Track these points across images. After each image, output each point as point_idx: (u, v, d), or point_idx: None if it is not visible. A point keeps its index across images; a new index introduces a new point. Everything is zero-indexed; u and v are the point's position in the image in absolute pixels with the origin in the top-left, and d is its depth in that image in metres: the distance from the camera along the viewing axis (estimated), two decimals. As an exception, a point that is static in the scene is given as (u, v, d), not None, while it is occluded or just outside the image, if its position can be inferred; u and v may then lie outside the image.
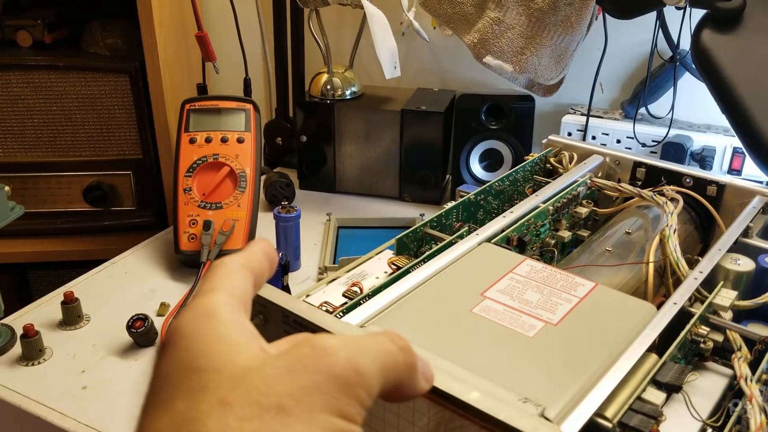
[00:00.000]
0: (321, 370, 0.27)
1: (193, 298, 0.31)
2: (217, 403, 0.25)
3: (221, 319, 0.29)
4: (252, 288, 0.33)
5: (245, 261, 0.33)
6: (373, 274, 0.59)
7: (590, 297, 0.51)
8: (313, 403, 0.26)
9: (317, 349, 0.28)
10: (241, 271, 0.33)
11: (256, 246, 0.35)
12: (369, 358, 0.29)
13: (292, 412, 0.26)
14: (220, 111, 0.98)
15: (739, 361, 0.47)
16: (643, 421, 0.40)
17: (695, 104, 1.07)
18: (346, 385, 0.27)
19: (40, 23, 1.10)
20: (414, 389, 0.32)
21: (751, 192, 0.72)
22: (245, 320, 0.30)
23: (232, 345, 0.28)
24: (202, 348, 0.28)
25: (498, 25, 0.91)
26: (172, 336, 0.29)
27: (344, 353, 0.28)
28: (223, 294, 0.31)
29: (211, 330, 0.28)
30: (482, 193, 0.71)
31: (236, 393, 0.26)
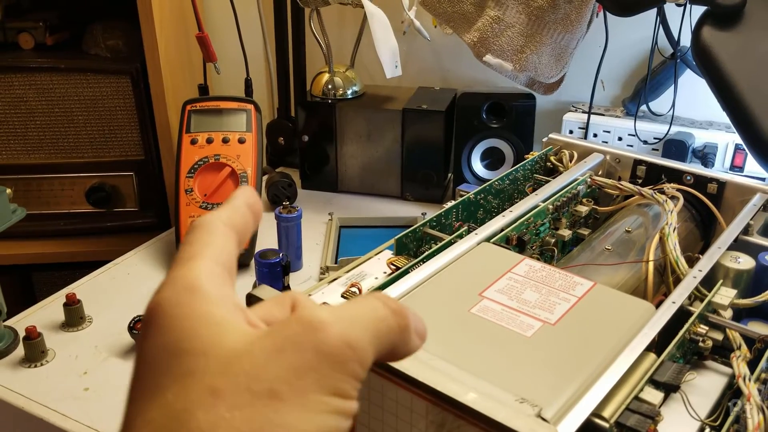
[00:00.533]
0: (312, 348, 0.26)
1: (173, 268, 0.29)
2: (207, 392, 0.25)
3: (205, 293, 0.27)
4: (236, 247, 0.31)
5: (227, 218, 0.31)
6: (373, 274, 0.60)
7: (589, 296, 0.51)
8: (306, 385, 0.25)
9: (306, 325, 0.26)
10: (223, 231, 0.31)
11: (239, 198, 0.33)
12: (362, 329, 0.28)
13: (284, 396, 0.25)
14: (221, 111, 0.99)
15: (738, 360, 0.47)
16: (641, 421, 0.40)
17: (697, 101, 1.06)
18: (339, 362, 0.26)
19: (42, 25, 1.10)
20: (407, 350, 0.31)
21: (751, 189, 0.71)
22: (230, 291, 0.29)
23: (217, 324, 0.27)
24: (186, 329, 0.26)
25: (498, 24, 0.91)
26: (154, 315, 0.27)
27: (336, 327, 0.27)
28: (205, 262, 0.29)
29: (195, 308, 0.27)
30: (482, 192, 0.71)
31: (225, 379, 0.25)
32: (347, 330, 0.27)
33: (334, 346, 0.26)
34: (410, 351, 0.31)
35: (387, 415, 0.44)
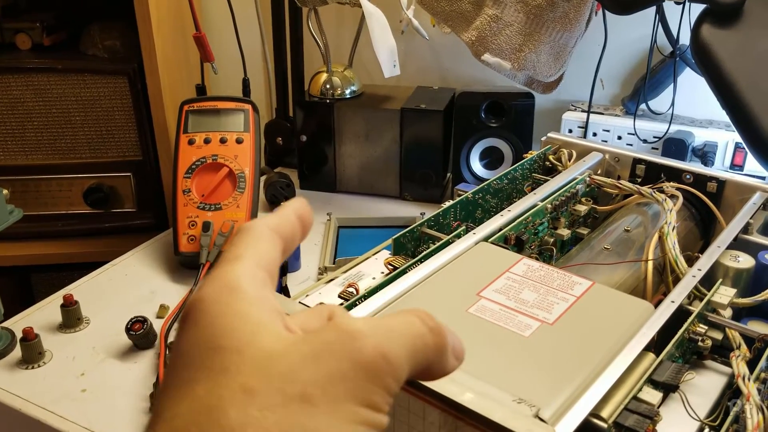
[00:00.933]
0: (348, 357, 0.26)
1: (217, 267, 0.29)
2: (240, 390, 0.24)
3: (245, 293, 0.28)
4: (280, 254, 0.31)
5: (275, 225, 0.31)
6: (370, 274, 0.59)
7: (587, 296, 0.51)
8: (339, 393, 0.25)
9: (344, 334, 0.26)
10: (269, 236, 0.31)
11: (289, 207, 0.33)
12: (398, 343, 0.28)
13: (317, 401, 0.25)
14: (218, 112, 0.98)
15: (738, 359, 0.46)
16: (639, 421, 0.40)
17: (697, 99, 1.06)
18: (373, 374, 0.26)
19: (39, 26, 1.10)
20: (443, 369, 0.31)
21: (751, 188, 0.71)
22: (270, 295, 0.29)
23: (255, 324, 0.27)
24: (224, 325, 0.26)
25: (496, 23, 0.90)
26: (193, 310, 0.27)
27: (372, 339, 0.27)
28: (247, 264, 0.29)
29: (234, 306, 0.27)
30: (480, 191, 0.71)
31: (259, 379, 0.25)
32: (384, 342, 0.27)
33: (370, 356, 0.26)
34: (446, 371, 0.31)
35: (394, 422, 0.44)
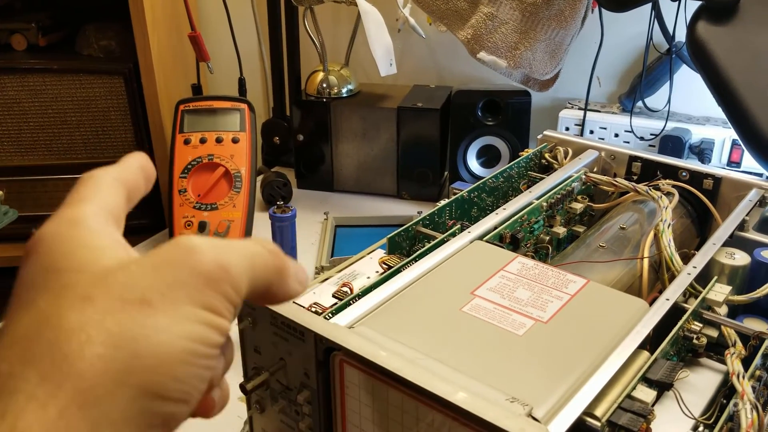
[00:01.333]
0: (186, 266, 0.27)
1: (59, 209, 0.29)
2: (79, 299, 0.25)
3: (87, 226, 0.28)
4: (125, 203, 0.32)
5: (118, 174, 0.32)
6: (365, 273, 0.59)
7: (581, 294, 0.50)
8: (178, 297, 0.26)
9: (182, 248, 0.28)
10: (112, 184, 0.32)
11: (132, 159, 0.34)
12: (236, 256, 0.29)
13: (156, 304, 0.26)
14: (214, 111, 0.98)
15: (732, 357, 0.46)
16: (632, 420, 0.39)
17: (694, 96, 1.06)
18: (212, 281, 0.28)
19: (34, 26, 1.10)
20: (286, 291, 0.32)
21: (747, 185, 0.71)
22: (114, 231, 0.30)
23: (96, 249, 0.27)
24: (64, 251, 0.27)
25: (491, 21, 0.90)
26: (34, 244, 0.28)
27: (211, 252, 0.28)
28: (90, 205, 0.30)
29: (75, 236, 0.28)
30: (476, 190, 0.70)
31: (98, 289, 0.26)
32: (222, 255, 0.28)
33: (208, 265, 0.28)
34: (288, 293, 0.32)
35: (393, 425, 0.44)
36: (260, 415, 0.52)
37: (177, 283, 0.27)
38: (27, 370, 0.24)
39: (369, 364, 0.42)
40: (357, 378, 0.44)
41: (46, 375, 0.24)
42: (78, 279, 0.26)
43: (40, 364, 0.24)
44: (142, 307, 0.25)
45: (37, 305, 0.26)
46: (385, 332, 0.46)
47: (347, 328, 0.47)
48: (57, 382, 0.24)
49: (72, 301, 0.25)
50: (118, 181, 0.32)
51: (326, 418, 0.48)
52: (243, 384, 0.49)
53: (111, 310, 0.25)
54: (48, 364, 0.24)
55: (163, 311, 0.26)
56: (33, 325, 0.25)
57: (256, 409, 0.52)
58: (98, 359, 0.24)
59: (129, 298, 0.26)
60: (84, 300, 0.25)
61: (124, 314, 0.25)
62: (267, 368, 0.49)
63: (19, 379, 0.24)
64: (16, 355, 0.24)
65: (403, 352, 0.44)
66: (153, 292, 0.26)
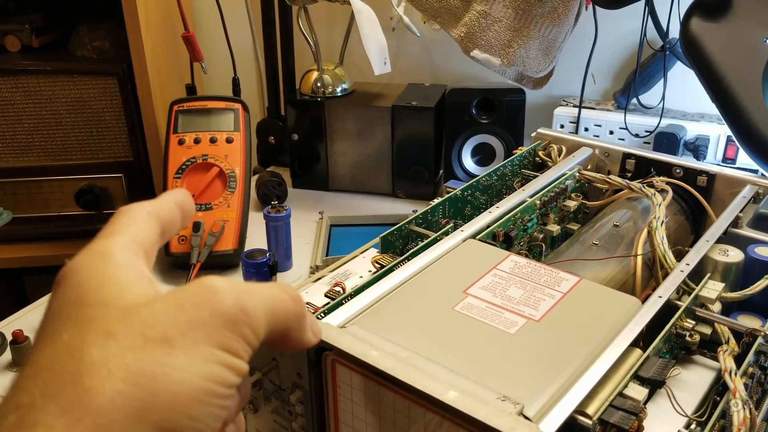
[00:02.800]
0: (208, 307, 0.28)
1: (91, 242, 0.30)
2: (102, 334, 0.26)
3: (115, 260, 0.29)
4: (158, 237, 0.33)
5: (153, 209, 0.33)
6: (358, 273, 0.59)
7: (574, 292, 0.50)
8: (198, 336, 0.27)
9: (206, 288, 0.28)
10: (146, 218, 0.32)
11: (170, 195, 0.35)
12: (257, 300, 0.30)
13: (176, 343, 0.26)
14: (208, 111, 0.98)
15: (725, 354, 0.46)
16: (624, 418, 0.39)
17: (688, 93, 1.06)
18: (232, 322, 0.28)
19: (28, 28, 1.10)
20: (301, 339, 0.33)
21: (741, 181, 0.71)
22: (141, 265, 0.30)
23: (122, 284, 0.28)
24: (91, 285, 0.28)
25: (485, 18, 0.90)
26: (64, 275, 0.29)
27: (232, 294, 0.29)
28: (121, 238, 0.30)
29: (103, 269, 0.28)
30: (469, 188, 0.70)
31: (121, 325, 0.26)
32: (243, 297, 0.29)
33: (229, 307, 0.28)
34: (303, 342, 0.33)
35: (385, 424, 0.44)
36: (253, 415, 0.52)
37: (197, 323, 0.27)
38: (48, 402, 0.24)
39: (361, 363, 0.42)
40: (349, 378, 0.44)
41: (65, 408, 0.24)
42: (102, 314, 0.27)
43: (61, 396, 0.24)
44: (162, 345, 0.26)
45: (60, 338, 0.26)
46: (377, 332, 0.46)
47: (339, 327, 0.47)
48: (76, 415, 0.24)
49: (95, 336, 0.26)
50: (153, 215, 0.33)
51: (319, 418, 0.48)
52: (235, 384, 0.49)
53: (132, 347, 0.26)
54: (68, 398, 0.24)
55: (182, 350, 0.26)
56: (56, 357, 0.26)
57: (250, 409, 0.52)
58: (117, 395, 0.24)
59: (150, 336, 0.26)
60: (107, 335, 0.26)
61: (144, 351, 0.26)
62: (259, 368, 0.48)
63: (39, 410, 0.24)
64: (37, 386, 0.25)
65: (395, 351, 0.44)
66: (174, 331, 0.27)
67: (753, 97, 0.74)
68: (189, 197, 0.35)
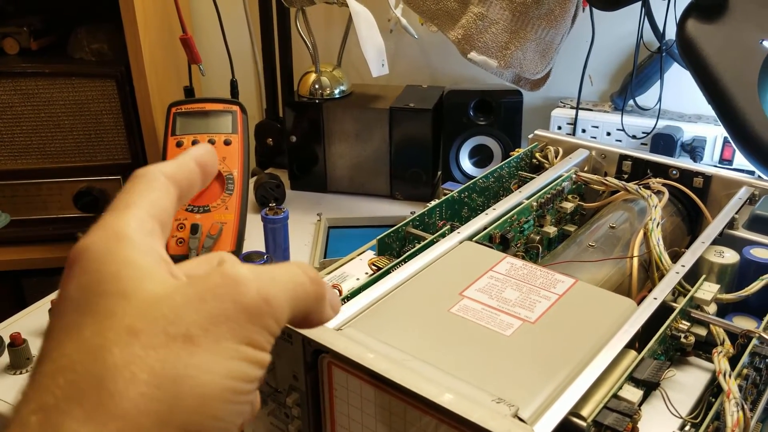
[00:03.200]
0: (231, 299, 0.27)
1: (107, 214, 0.29)
2: (125, 331, 0.25)
3: (131, 241, 0.28)
4: (175, 202, 0.32)
5: (171, 172, 0.32)
6: (354, 275, 0.59)
7: (569, 294, 0.51)
8: (221, 332, 0.27)
9: (228, 278, 0.28)
10: (163, 184, 0.31)
11: (189, 153, 0.33)
12: (279, 288, 0.29)
13: (199, 341, 0.26)
14: (206, 114, 0.98)
15: (719, 355, 0.46)
16: (618, 420, 0.39)
17: (685, 94, 1.06)
18: (255, 315, 0.28)
19: (26, 30, 1.10)
20: (321, 317, 0.32)
21: (737, 183, 0.71)
22: (157, 243, 0.29)
23: (141, 270, 0.27)
24: (110, 272, 0.27)
25: (482, 21, 0.90)
26: (80, 256, 0.27)
27: (256, 283, 0.28)
28: (138, 212, 0.29)
29: (120, 253, 0.28)
30: (466, 190, 0.70)
31: (144, 321, 0.26)
32: (266, 287, 0.28)
33: (252, 299, 0.28)
34: (323, 319, 0.33)
35: (380, 426, 0.44)
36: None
37: (221, 318, 0.27)
38: (73, 407, 0.24)
39: (356, 366, 0.42)
40: (345, 380, 0.44)
41: (91, 414, 0.24)
42: (124, 307, 0.26)
43: (86, 401, 0.24)
44: (185, 344, 0.26)
45: (81, 333, 0.26)
46: (373, 334, 0.46)
47: (335, 330, 0.47)
48: (102, 421, 0.24)
49: (117, 334, 0.25)
50: (171, 179, 0.31)
51: (315, 421, 0.48)
52: (232, 387, 0.49)
53: (155, 346, 0.25)
54: (94, 402, 0.24)
55: (206, 348, 0.26)
56: (78, 355, 0.25)
57: (247, 411, 0.52)
58: (142, 399, 0.24)
59: (173, 333, 0.26)
60: (129, 333, 0.25)
61: (167, 350, 0.25)
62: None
63: (66, 415, 0.24)
64: (59, 387, 0.25)
65: (391, 353, 0.44)
66: (196, 328, 0.26)
67: (749, 98, 0.74)
68: (212, 154, 0.34)
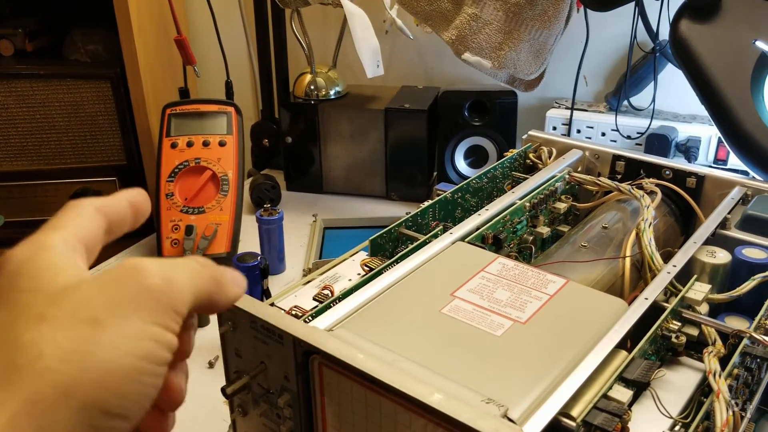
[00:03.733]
0: (134, 283, 0.29)
1: (35, 233, 0.31)
2: (34, 318, 0.27)
3: (54, 249, 0.30)
4: (102, 234, 0.33)
5: (101, 206, 0.34)
6: (347, 276, 0.59)
7: (560, 294, 0.51)
8: (126, 312, 0.28)
9: (130, 268, 0.29)
10: (92, 214, 0.33)
11: (122, 194, 0.35)
12: (179, 270, 0.31)
13: (105, 322, 0.27)
14: (201, 115, 0.98)
15: (710, 355, 0.46)
16: (608, 419, 0.39)
17: (680, 94, 1.06)
18: (159, 293, 0.29)
19: (21, 32, 1.10)
20: (227, 297, 0.34)
21: (730, 183, 0.71)
22: (78, 258, 0.31)
23: (56, 268, 0.29)
24: (28, 273, 0.29)
25: (475, 21, 0.90)
26: (4, 262, 0.29)
27: (157, 268, 0.30)
28: (63, 232, 0.31)
29: (41, 259, 0.29)
30: (459, 191, 0.70)
31: (53, 308, 0.27)
32: (167, 270, 0.30)
33: (154, 280, 0.29)
34: (229, 298, 0.34)
35: (372, 426, 0.44)
36: (243, 418, 0.52)
37: (125, 300, 0.28)
38: None
39: (347, 366, 0.42)
40: (336, 381, 0.44)
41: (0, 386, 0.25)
42: (35, 299, 0.28)
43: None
44: (92, 325, 0.27)
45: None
46: (364, 335, 0.46)
47: (326, 331, 0.47)
48: (9, 391, 0.25)
49: (27, 319, 0.27)
50: (100, 212, 0.33)
51: (307, 421, 0.48)
52: (224, 388, 0.49)
53: (62, 327, 0.27)
54: (3, 377, 0.26)
55: (111, 328, 0.27)
56: None
57: (239, 412, 0.52)
58: (47, 372, 0.26)
59: (80, 316, 0.27)
60: (38, 319, 0.27)
61: (74, 331, 0.27)
62: (248, 372, 0.49)
63: None
64: None
65: (381, 354, 0.44)
66: (103, 311, 0.28)
67: (742, 98, 0.74)
68: (145, 198, 0.36)
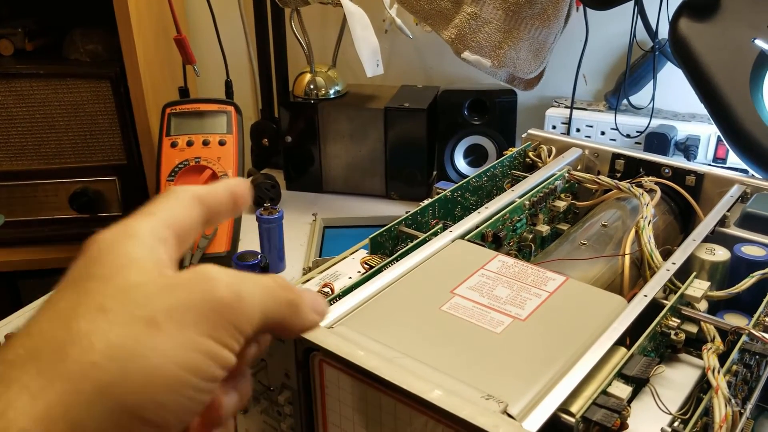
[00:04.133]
0: (200, 291, 0.28)
1: (129, 217, 0.31)
2: (95, 307, 0.26)
3: (139, 239, 0.29)
4: (199, 221, 0.33)
5: (200, 194, 0.33)
6: (347, 274, 0.59)
7: (560, 291, 0.51)
8: (185, 319, 0.27)
9: (200, 274, 0.28)
10: (189, 202, 0.32)
11: (223, 182, 0.35)
12: (250, 286, 0.30)
13: (162, 326, 0.26)
14: (201, 114, 0.98)
15: (709, 352, 0.46)
16: (607, 416, 0.40)
17: (679, 93, 1.06)
18: (224, 308, 0.28)
19: (21, 32, 1.10)
20: (302, 323, 0.33)
21: (730, 181, 0.71)
22: (164, 249, 0.30)
23: (132, 261, 0.28)
24: (104, 260, 0.28)
25: (475, 20, 0.90)
26: (89, 245, 0.29)
27: (227, 279, 0.29)
28: (155, 219, 0.31)
29: (124, 247, 0.29)
30: (459, 189, 0.71)
31: (114, 302, 0.27)
32: (238, 283, 0.29)
33: (222, 292, 0.28)
34: (305, 325, 0.33)
35: (372, 423, 0.44)
36: (243, 416, 0.53)
37: (187, 306, 0.27)
38: (29, 364, 0.25)
39: (347, 363, 0.43)
40: (336, 378, 0.44)
41: (42, 371, 0.25)
42: (102, 288, 0.27)
43: (43, 360, 0.25)
44: (148, 326, 0.26)
45: (57, 305, 0.27)
46: (365, 332, 0.46)
47: (326, 328, 0.47)
48: (50, 378, 0.25)
49: (88, 307, 0.26)
50: (198, 200, 0.33)
51: (307, 418, 0.48)
52: (224, 385, 0.49)
53: (118, 323, 0.26)
54: (48, 362, 0.25)
55: (166, 333, 0.26)
56: (49, 323, 0.26)
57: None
58: (92, 367, 0.25)
59: (138, 315, 0.26)
60: (99, 309, 0.26)
61: (129, 328, 0.26)
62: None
63: (19, 369, 0.25)
64: (24, 346, 0.26)
65: (382, 351, 0.44)
66: (162, 314, 0.27)
67: (741, 97, 0.74)
68: (246, 188, 0.35)
